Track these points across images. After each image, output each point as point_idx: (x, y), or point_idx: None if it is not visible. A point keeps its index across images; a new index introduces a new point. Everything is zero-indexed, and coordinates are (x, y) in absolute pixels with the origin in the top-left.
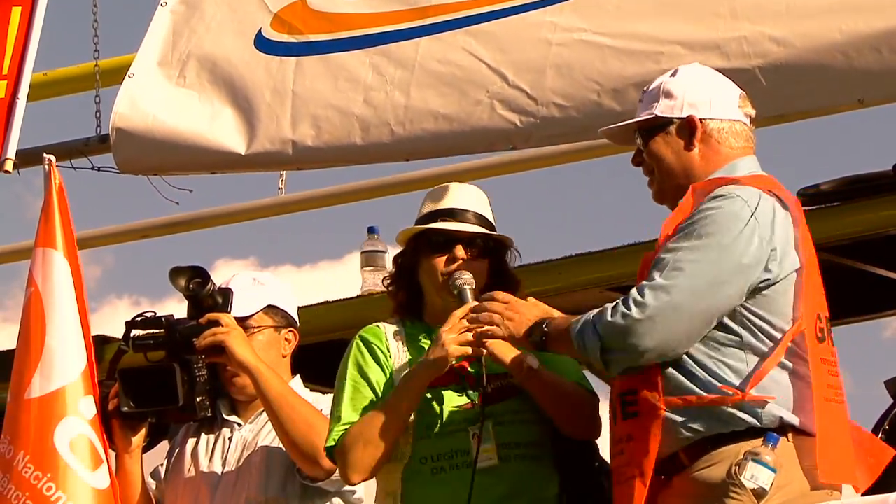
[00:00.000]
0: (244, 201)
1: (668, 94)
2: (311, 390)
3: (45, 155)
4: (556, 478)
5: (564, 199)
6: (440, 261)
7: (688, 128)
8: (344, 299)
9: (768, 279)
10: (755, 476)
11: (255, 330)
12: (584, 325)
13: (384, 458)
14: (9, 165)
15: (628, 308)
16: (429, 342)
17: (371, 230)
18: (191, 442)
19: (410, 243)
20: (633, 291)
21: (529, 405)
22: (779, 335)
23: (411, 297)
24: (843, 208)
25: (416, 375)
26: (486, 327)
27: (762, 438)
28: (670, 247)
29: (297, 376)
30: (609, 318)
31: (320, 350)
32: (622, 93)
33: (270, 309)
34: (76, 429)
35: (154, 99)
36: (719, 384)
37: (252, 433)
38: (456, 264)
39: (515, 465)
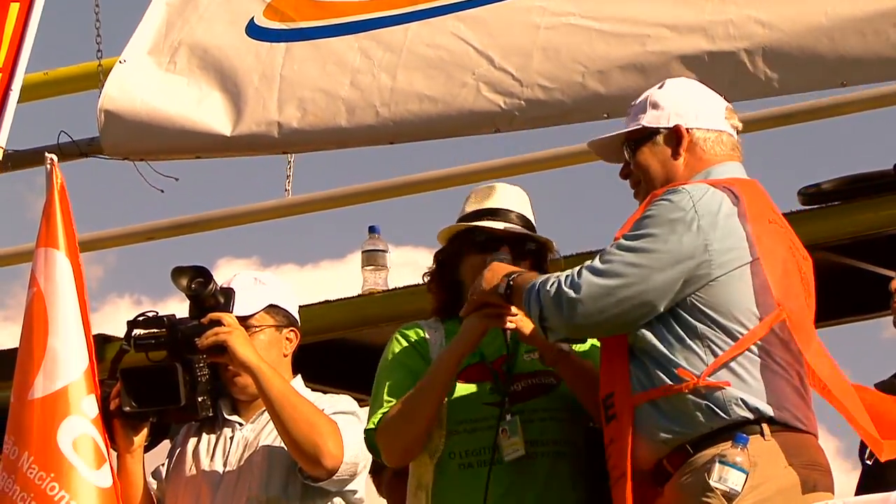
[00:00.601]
0: (250, 203)
1: (655, 105)
2: (312, 390)
3: (47, 155)
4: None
5: (565, 199)
6: (482, 259)
7: (675, 137)
8: (344, 298)
9: (709, 272)
10: (723, 478)
11: (257, 329)
12: (531, 288)
13: (421, 439)
14: None
15: (566, 285)
16: None
17: (372, 229)
18: (192, 441)
19: (452, 241)
20: (575, 270)
21: (560, 403)
22: (737, 328)
23: (450, 296)
24: (844, 208)
25: (448, 351)
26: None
27: (731, 440)
28: (620, 238)
29: (299, 376)
30: (548, 288)
31: (321, 349)
32: (606, 75)
33: (272, 308)
34: (79, 428)
35: (143, 83)
36: (677, 373)
37: (253, 433)
38: None
39: (542, 462)
